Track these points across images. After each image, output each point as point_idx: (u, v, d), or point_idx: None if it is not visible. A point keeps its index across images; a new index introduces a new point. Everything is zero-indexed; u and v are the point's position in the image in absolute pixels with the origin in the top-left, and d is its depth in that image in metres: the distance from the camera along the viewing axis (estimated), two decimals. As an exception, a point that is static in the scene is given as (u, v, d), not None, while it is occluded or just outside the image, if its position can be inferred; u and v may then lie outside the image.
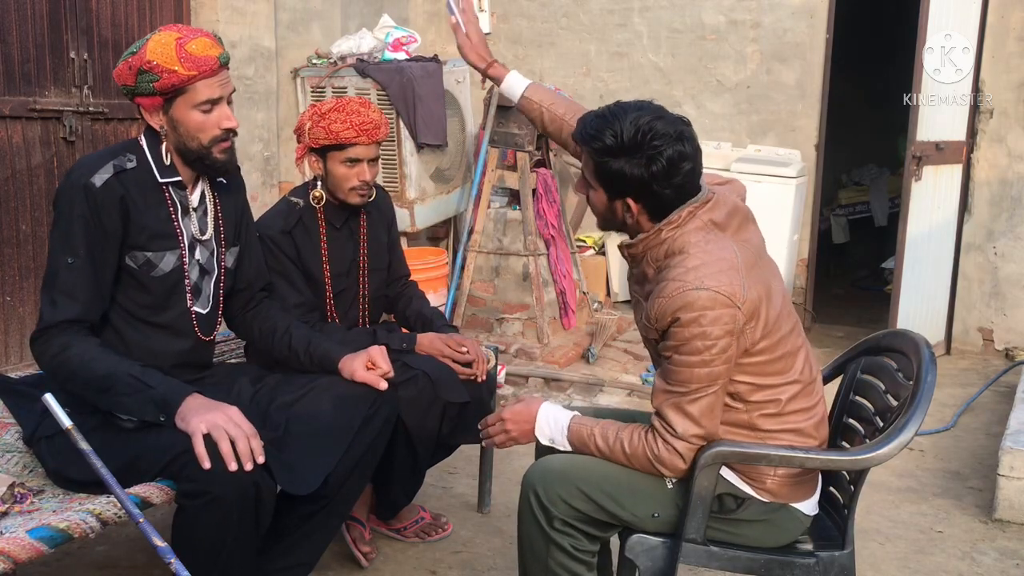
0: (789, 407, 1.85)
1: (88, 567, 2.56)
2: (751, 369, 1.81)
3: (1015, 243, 5.03)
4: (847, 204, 7.71)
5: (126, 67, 1.94)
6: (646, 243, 1.85)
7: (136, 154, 2.01)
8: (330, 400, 2.15)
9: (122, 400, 1.86)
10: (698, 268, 1.74)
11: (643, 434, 1.81)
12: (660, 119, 1.77)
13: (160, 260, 2.02)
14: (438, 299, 4.56)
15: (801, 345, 1.89)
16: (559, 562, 1.84)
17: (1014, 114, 4.95)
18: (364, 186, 2.53)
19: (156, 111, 1.98)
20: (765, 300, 1.78)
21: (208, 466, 1.76)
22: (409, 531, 2.77)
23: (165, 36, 1.94)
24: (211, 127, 1.99)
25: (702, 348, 1.72)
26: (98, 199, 1.92)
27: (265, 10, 4.65)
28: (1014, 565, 2.77)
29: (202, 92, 1.95)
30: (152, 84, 1.92)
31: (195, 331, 2.12)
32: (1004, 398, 4.31)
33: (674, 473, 1.81)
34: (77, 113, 3.87)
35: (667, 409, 1.79)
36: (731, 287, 1.72)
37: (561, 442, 1.91)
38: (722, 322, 1.71)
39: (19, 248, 3.74)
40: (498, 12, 6.07)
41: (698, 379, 1.74)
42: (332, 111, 2.45)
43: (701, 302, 1.70)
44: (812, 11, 5.32)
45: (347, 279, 2.64)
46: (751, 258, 1.82)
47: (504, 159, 4.80)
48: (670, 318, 1.74)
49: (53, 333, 1.89)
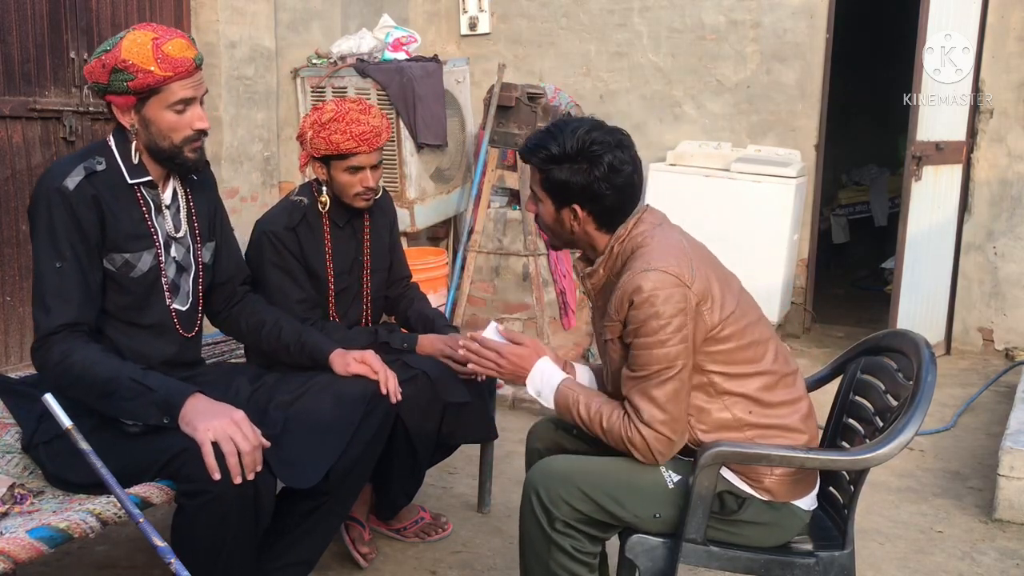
0: (768, 397, 1.87)
1: (88, 567, 2.56)
2: (721, 357, 1.84)
3: (1015, 243, 5.03)
4: (847, 204, 7.72)
5: (99, 64, 1.92)
6: (604, 264, 1.93)
7: (105, 156, 2.00)
8: (328, 398, 2.15)
9: (125, 405, 1.85)
10: (647, 254, 1.83)
11: (621, 414, 1.85)
12: (599, 130, 1.90)
13: (138, 260, 2.02)
14: (438, 299, 4.56)
15: (770, 337, 1.93)
16: (560, 563, 1.84)
17: (1014, 114, 4.95)
18: (368, 192, 2.54)
19: (128, 110, 1.97)
20: (719, 284, 1.85)
21: (219, 477, 1.76)
22: (409, 531, 2.77)
23: (140, 35, 1.91)
24: (184, 127, 1.98)
25: (657, 328, 1.77)
26: (73, 202, 1.91)
27: (265, 10, 4.65)
28: (1014, 565, 2.77)
29: (176, 93, 1.94)
30: (126, 83, 1.90)
31: (177, 329, 2.11)
32: (1004, 398, 4.31)
33: (645, 459, 1.84)
34: (77, 113, 3.87)
35: (633, 395, 1.83)
36: (679, 267, 1.80)
37: (547, 397, 1.98)
38: (673, 300, 1.77)
39: (19, 248, 3.74)
40: (498, 12, 6.07)
41: (657, 360, 1.78)
42: (332, 121, 2.43)
43: (650, 283, 1.78)
44: (812, 11, 5.32)
45: (349, 278, 2.65)
46: (702, 251, 1.91)
47: (504, 159, 4.80)
48: (626, 303, 1.81)
49: (53, 341, 1.88)
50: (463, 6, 6.11)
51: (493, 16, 6.09)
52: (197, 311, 2.19)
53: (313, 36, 5.00)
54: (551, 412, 2.06)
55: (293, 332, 2.32)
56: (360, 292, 2.70)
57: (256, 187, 4.70)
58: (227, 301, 2.33)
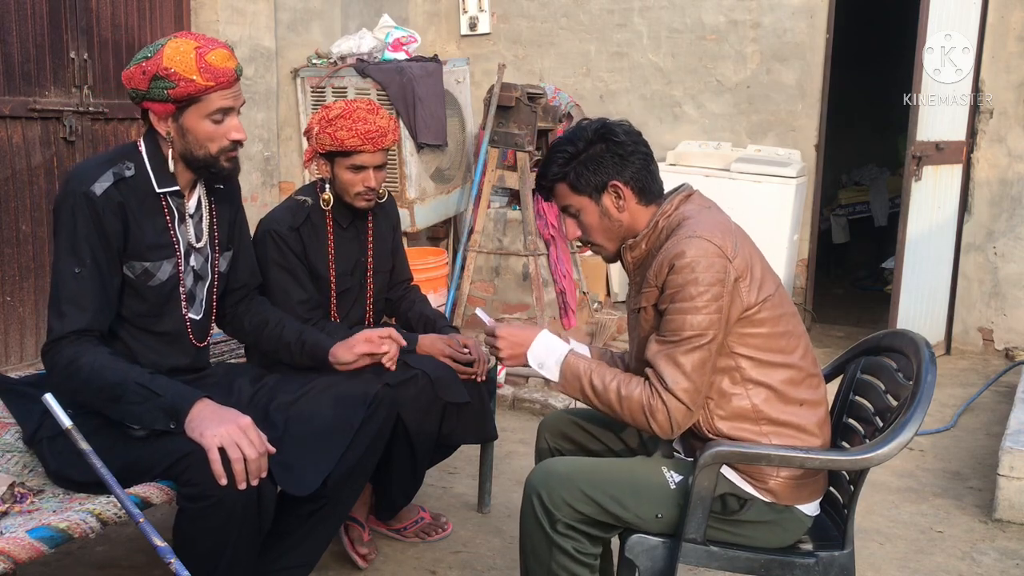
0: (791, 392, 1.86)
1: (88, 567, 2.56)
2: (753, 342, 1.84)
3: (1015, 243, 5.03)
4: (847, 204, 7.71)
5: (139, 71, 1.91)
6: (648, 238, 1.92)
7: (134, 161, 1.99)
8: (329, 400, 2.15)
9: (132, 409, 1.85)
10: (692, 224, 1.85)
11: (642, 382, 1.84)
12: (591, 120, 1.98)
13: (157, 270, 2.02)
14: (438, 299, 4.56)
15: (803, 333, 1.93)
16: (562, 565, 1.84)
17: (1014, 114, 4.95)
18: (369, 192, 2.54)
19: (165, 118, 1.96)
20: (760, 267, 1.86)
21: (225, 483, 1.76)
22: (409, 531, 2.77)
23: (183, 44, 1.91)
24: (220, 137, 1.98)
25: (694, 294, 1.77)
26: (99, 208, 1.90)
27: (265, 10, 4.65)
28: (1014, 565, 2.77)
29: (216, 103, 1.94)
30: (167, 91, 1.90)
31: (190, 338, 2.12)
32: (1004, 398, 4.32)
33: (662, 430, 1.81)
34: (77, 113, 3.87)
35: (659, 359, 1.81)
36: (723, 240, 1.81)
37: (551, 368, 1.92)
38: (714, 270, 1.78)
39: (19, 248, 3.74)
40: (498, 12, 6.07)
41: (689, 326, 1.78)
42: (339, 118, 2.45)
43: (693, 249, 1.79)
44: (812, 11, 5.32)
45: (351, 279, 2.65)
46: (746, 237, 1.92)
47: (504, 159, 4.80)
48: (666, 267, 1.81)
49: (63, 345, 1.87)
50: (463, 6, 6.11)
51: (493, 16, 6.09)
52: (210, 320, 2.19)
53: (313, 36, 5.00)
54: (550, 411, 2.06)
55: (294, 331, 2.33)
56: (362, 293, 2.70)
57: (256, 187, 4.70)
58: (235, 304, 2.33)
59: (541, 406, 3.97)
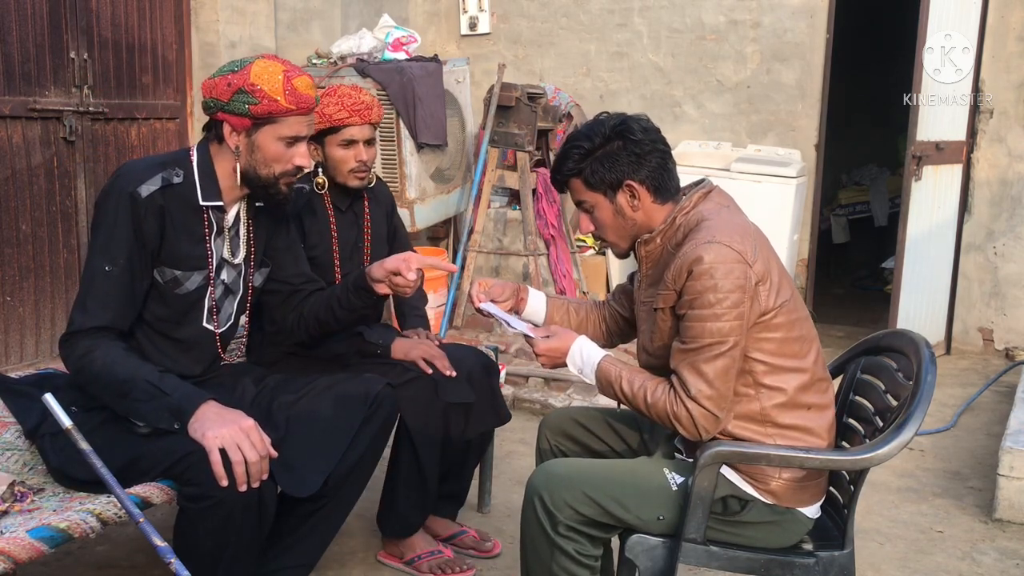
0: (802, 398, 1.86)
1: (88, 567, 2.56)
2: (768, 347, 1.83)
3: (1015, 243, 5.03)
4: (847, 204, 7.71)
5: (223, 82, 1.94)
6: (664, 235, 1.92)
7: (184, 170, 2.01)
8: (330, 400, 2.15)
9: (138, 406, 1.86)
10: (711, 227, 1.83)
11: (667, 388, 1.84)
12: (608, 116, 1.98)
13: (187, 279, 2.04)
14: (438, 299, 4.56)
15: (815, 337, 1.93)
16: (563, 566, 1.83)
17: (1014, 114, 4.95)
18: (363, 167, 2.56)
19: (240, 131, 1.98)
20: (778, 271, 1.85)
21: (226, 484, 1.76)
22: (422, 563, 2.58)
23: (272, 65, 1.95)
24: (286, 160, 2.01)
25: (714, 301, 1.76)
26: (141, 210, 1.93)
27: (265, 10, 4.65)
28: (1014, 565, 2.77)
29: (292, 127, 1.98)
30: (248, 106, 1.93)
31: (207, 348, 2.14)
32: (1004, 398, 4.31)
33: (690, 435, 1.83)
34: (77, 113, 3.87)
35: (682, 368, 1.81)
36: (742, 245, 1.79)
37: (588, 375, 1.97)
38: (733, 276, 1.76)
39: (19, 248, 3.74)
40: (498, 12, 6.07)
41: (709, 334, 1.77)
42: (324, 96, 2.49)
43: (712, 255, 1.77)
44: (812, 11, 5.32)
45: (350, 263, 2.66)
46: (764, 239, 1.90)
47: (504, 159, 4.81)
48: (685, 272, 1.79)
49: (80, 336, 1.90)
50: (463, 6, 6.11)
51: (493, 16, 6.09)
52: (234, 332, 2.21)
53: (313, 36, 5.00)
54: (550, 411, 2.06)
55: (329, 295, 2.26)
56: None
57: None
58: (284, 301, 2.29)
59: (541, 406, 3.96)
